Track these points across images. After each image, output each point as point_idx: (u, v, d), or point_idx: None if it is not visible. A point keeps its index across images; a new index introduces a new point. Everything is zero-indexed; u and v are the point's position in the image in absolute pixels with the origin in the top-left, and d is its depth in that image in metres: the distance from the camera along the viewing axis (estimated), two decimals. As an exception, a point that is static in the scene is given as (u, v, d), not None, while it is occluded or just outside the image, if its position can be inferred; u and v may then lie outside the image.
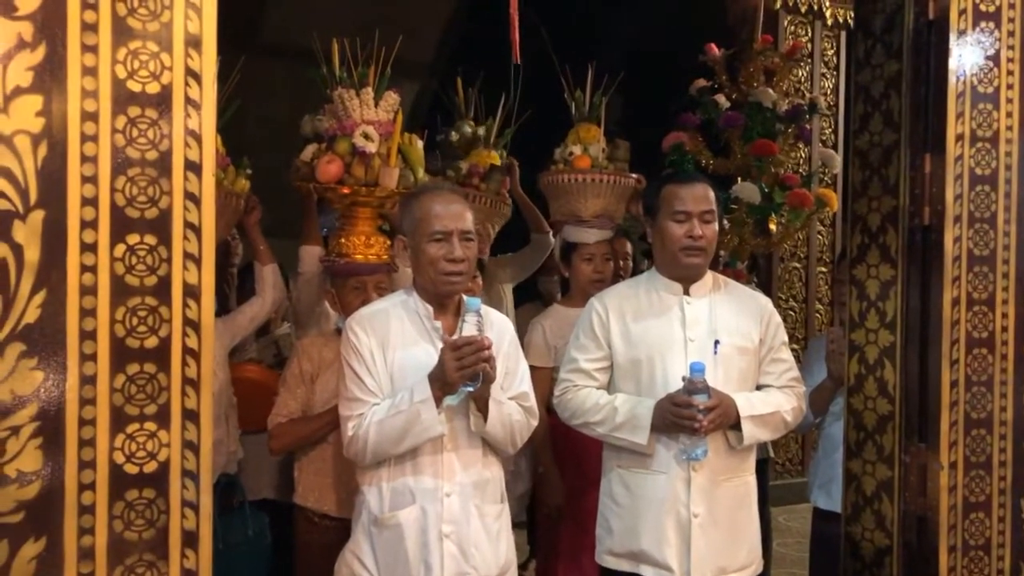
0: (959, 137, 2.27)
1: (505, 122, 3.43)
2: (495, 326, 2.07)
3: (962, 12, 2.27)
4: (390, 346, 1.99)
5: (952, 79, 2.26)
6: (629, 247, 3.42)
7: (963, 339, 2.28)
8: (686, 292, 2.24)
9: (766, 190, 3.47)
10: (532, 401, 2.11)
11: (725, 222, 3.51)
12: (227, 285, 3.40)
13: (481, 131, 3.43)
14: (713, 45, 3.67)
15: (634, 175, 3.20)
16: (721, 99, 3.57)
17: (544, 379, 2.81)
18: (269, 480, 3.10)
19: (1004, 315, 2.32)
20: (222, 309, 3.10)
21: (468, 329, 1.88)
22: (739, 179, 3.59)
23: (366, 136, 2.49)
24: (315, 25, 2.97)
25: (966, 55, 2.27)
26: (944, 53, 2.27)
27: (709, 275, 2.28)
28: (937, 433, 2.27)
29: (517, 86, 3.33)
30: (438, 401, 1.90)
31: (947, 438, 2.27)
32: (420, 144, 2.69)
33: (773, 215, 3.51)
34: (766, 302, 2.34)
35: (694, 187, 2.20)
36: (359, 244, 2.60)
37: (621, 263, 3.24)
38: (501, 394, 2.02)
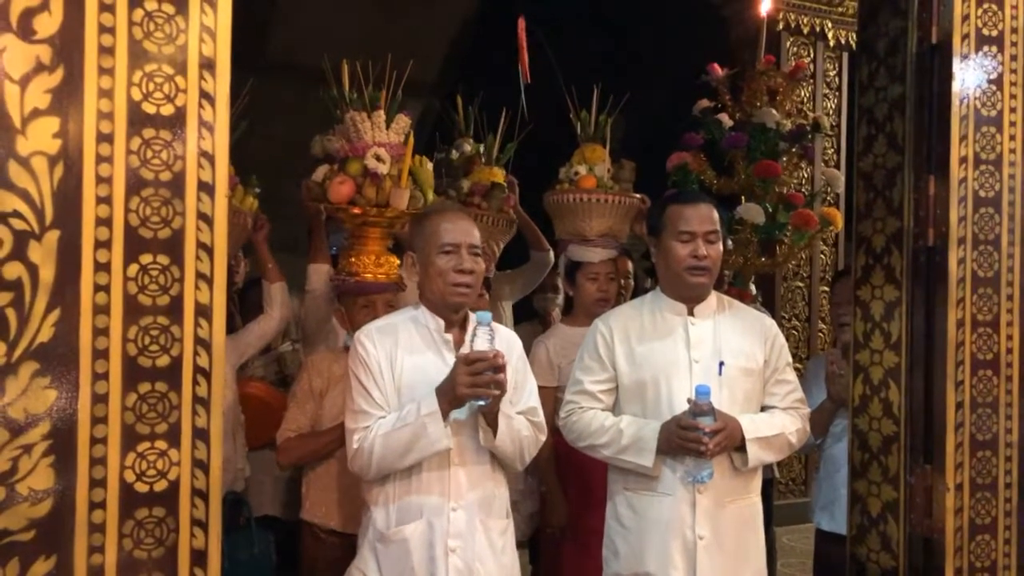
0: (963, 159, 2.29)
1: (506, 140, 3.46)
2: (504, 340, 2.08)
3: (965, 36, 2.29)
4: (398, 359, 2.00)
5: (955, 102, 2.29)
6: (631, 266, 3.44)
7: (968, 360, 2.29)
8: (690, 313, 2.24)
9: (770, 210, 3.48)
10: (540, 416, 2.11)
11: (729, 242, 3.52)
12: (232, 304, 3.41)
13: (481, 149, 3.46)
14: (716, 65, 3.69)
15: (638, 195, 3.22)
16: (724, 119, 3.59)
17: (548, 398, 2.81)
18: (271, 497, 3.11)
19: (1009, 337, 2.32)
20: (228, 328, 3.11)
21: (480, 343, 1.87)
22: (743, 199, 3.60)
23: (378, 158, 2.52)
24: (322, 45, 3.01)
25: (969, 78, 2.30)
26: (947, 76, 2.29)
27: (713, 296, 2.29)
28: (943, 454, 2.27)
29: (519, 104, 3.35)
30: (445, 415, 1.90)
31: (953, 460, 2.27)
32: (430, 166, 2.73)
33: (778, 235, 3.52)
34: (771, 323, 2.34)
35: (699, 207, 2.21)
36: (369, 263, 2.63)
37: (623, 282, 3.25)
38: (510, 409, 2.02)
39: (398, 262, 2.69)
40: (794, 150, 3.59)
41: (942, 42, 2.31)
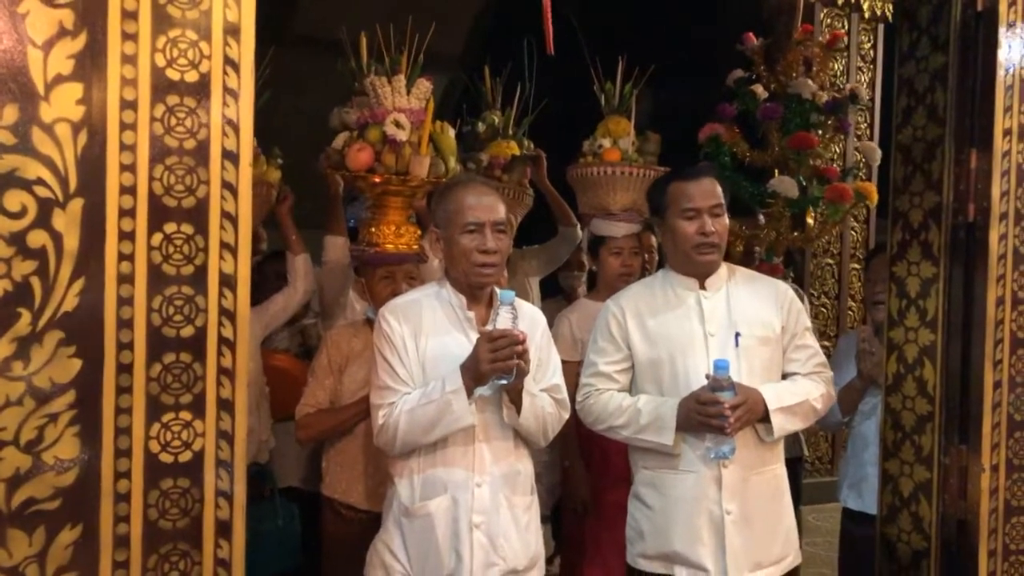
0: (1007, 132, 2.22)
1: (524, 112, 3.40)
2: (528, 317, 2.06)
3: (1012, 3, 2.21)
4: (423, 335, 1.99)
5: (1001, 72, 2.21)
6: (655, 240, 3.39)
7: (1007, 339, 2.23)
8: (702, 287, 2.20)
9: (804, 183, 3.41)
10: (564, 393, 2.10)
11: (761, 216, 3.45)
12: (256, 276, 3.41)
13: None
14: (751, 34, 3.60)
15: (664, 168, 3.16)
16: (759, 90, 3.50)
17: (571, 373, 2.76)
18: (296, 468, 3.12)
19: (1051, 315, 2.26)
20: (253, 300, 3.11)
21: (502, 321, 1.87)
22: (776, 172, 3.52)
23: (397, 124, 2.47)
24: (346, 16, 2.97)
25: (1015, 47, 2.22)
26: (993, 45, 2.21)
27: (724, 267, 2.23)
28: (979, 435, 2.22)
29: (532, 76, 3.30)
30: (470, 392, 1.89)
31: (989, 440, 2.22)
32: (452, 133, 2.67)
33: (811, 209, 3.44)
34: (785, 288, 2.27)
35: (701, 182, 2.15)
36: (389, 234, 2.59)
37: (647, 256, 3.21)
38: (534, 386, 2.01)
39: (419, 232, 2.66)
40: (830, 123, 3.50)
41: (988, 9, 2.23)
